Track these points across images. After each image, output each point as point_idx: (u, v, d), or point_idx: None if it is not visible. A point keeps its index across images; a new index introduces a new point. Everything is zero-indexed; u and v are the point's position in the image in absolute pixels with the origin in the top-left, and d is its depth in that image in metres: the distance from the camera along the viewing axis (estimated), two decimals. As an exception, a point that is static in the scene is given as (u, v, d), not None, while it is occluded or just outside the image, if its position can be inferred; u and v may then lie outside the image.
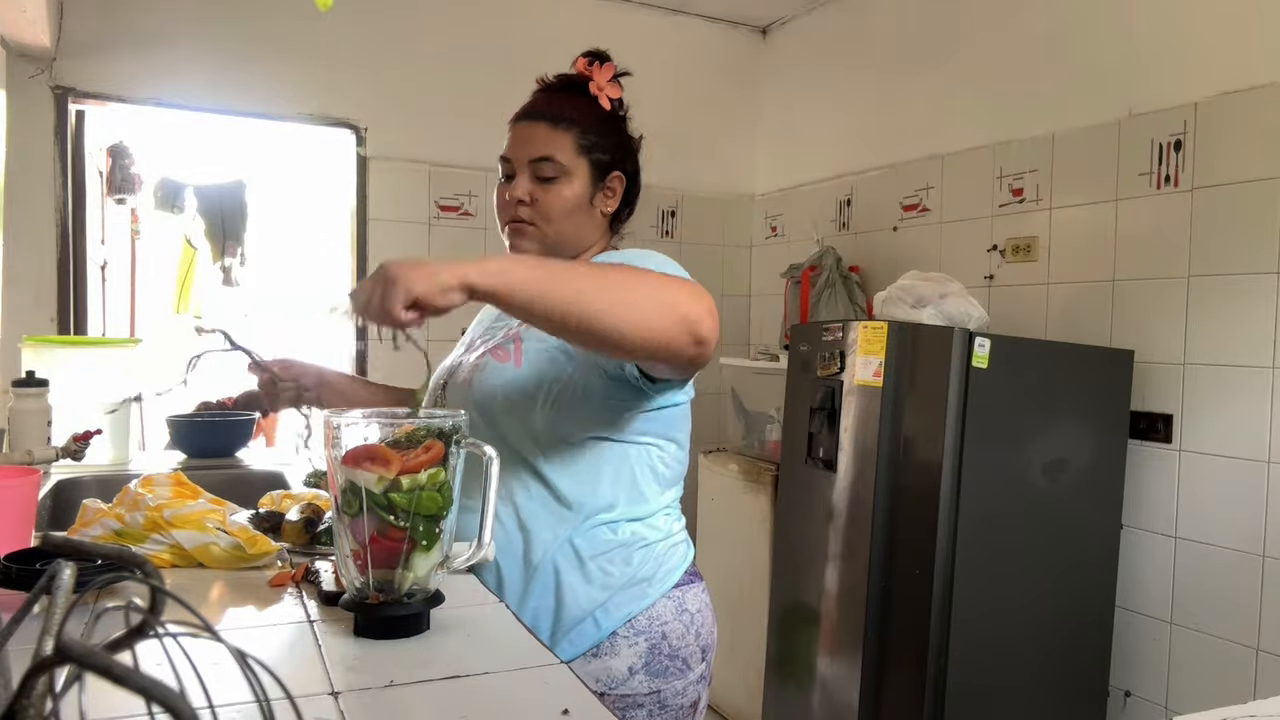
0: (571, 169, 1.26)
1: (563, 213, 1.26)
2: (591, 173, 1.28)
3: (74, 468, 1.83)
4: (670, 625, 1.20)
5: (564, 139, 1.26)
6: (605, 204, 1.31)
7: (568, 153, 1.26)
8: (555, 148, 1.25)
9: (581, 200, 1.27)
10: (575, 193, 1.27)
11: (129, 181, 3.44)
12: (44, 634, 0.38)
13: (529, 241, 1.27)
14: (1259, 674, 2.04)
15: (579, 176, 1.27)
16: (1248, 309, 2.06)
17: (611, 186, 1.31)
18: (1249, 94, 2.07)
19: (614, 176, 1.31)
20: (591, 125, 1.27)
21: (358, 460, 0.90)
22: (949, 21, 2.91)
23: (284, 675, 0.46)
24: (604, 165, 1.29)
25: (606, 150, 1.29)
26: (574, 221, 1.27)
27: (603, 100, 1.30)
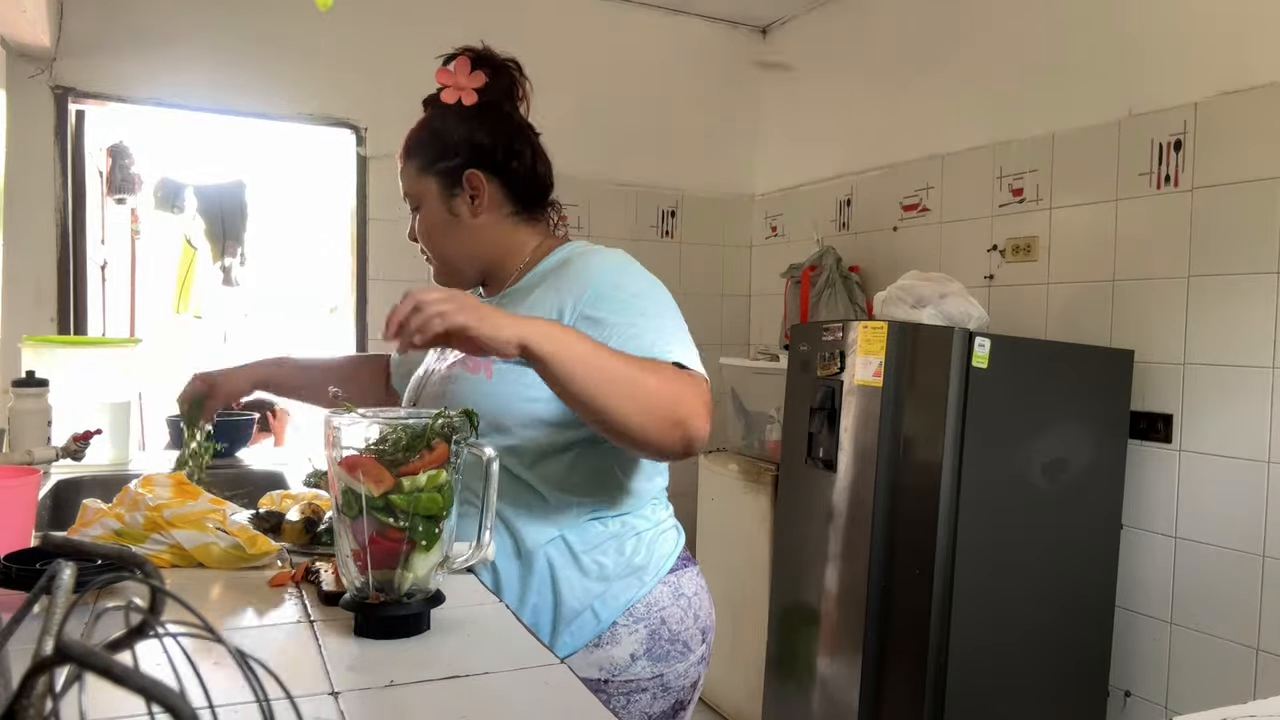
0: (422, 193, 1.28)
1: (431, 235, 1.29)
2: (440, 185, 1.27)
3: (74, 468, 1.83)
4: (668, 610, 1.22)
5: (409, 170, 1.30)
6: (468, 207, 1.27)
7: (414, 181, 1.29)
8: (407, 182, 1.30)
9: (441, 217, 1.28)
10: (432, 213, 1.28)
11: (129, 181, 3.44)
12: (44, 634, 0.38)
13: (436, 272, 1.33)
14: (1259, 674, 2.04)
15: (429, 196, 1.28)
16: (1248, 309, 2.06)
17: (472, 185, 1.27)
18: (1249, 94, 2.07)
19: (469, 175, 1.26)
20: (428, 140, 1.28)
21: (351, 469, 0.90)
22: (949, 21, 2.91)
23: (284, 675, 0.46)
24: (453, 171, 1.26)
25: (452, 153, 1.26)
26: (451, 237, 1.28)
27: (466, 97, 1.27)
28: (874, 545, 2.19)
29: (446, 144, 1.27)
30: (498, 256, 1.30)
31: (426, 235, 1.29)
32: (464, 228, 1.28)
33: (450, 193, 1.27)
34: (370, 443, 0.91)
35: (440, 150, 1.27)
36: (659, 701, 1.20)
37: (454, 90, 1.27)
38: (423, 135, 1.30)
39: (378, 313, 3.15)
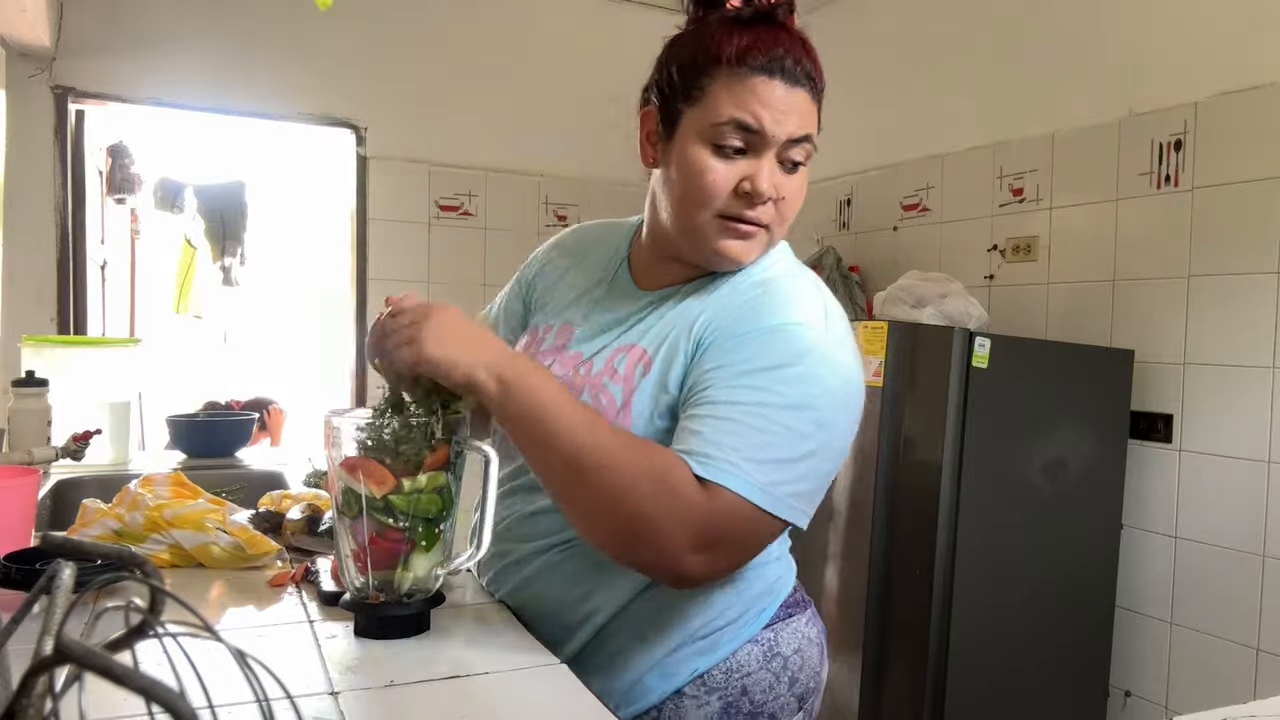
0: (813, 133, 0.96)
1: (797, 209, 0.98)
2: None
3: (74, 468, 1.83)
4: (754, 676, 0.97)
5: (816, 107, 0.95)
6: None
7: (809, 116, 0.95)
8: (815, 123, 0.95)
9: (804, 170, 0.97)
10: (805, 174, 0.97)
11: (129, 181, 3.44)
12: (44, 634, 0.38)
13: (756, 251, 0.96)
14: (1259, 674, 2.04)
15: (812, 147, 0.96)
16: (1248, 309, 2.06)
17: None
18: (1249, 94, 2.07)
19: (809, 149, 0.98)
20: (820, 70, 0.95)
21: (353, 470, 0.90)
22: (949, 21, 2.91)
23: (284, 675, 0.46)
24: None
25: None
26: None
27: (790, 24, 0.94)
28: (874, 545, 2.19)
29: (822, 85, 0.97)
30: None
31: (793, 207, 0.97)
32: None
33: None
34: (368, 441, 0.91)
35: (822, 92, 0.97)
36: None
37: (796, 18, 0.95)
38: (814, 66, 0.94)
39: (378, 312, 3.15)
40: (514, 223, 3.33)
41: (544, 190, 3.38)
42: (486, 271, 3.29)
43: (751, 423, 0.84)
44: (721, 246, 0.94)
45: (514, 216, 3.33)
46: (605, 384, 0.95)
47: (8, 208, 2.64)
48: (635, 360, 0.95)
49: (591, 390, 0.95)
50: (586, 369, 0.98)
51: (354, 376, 3.16)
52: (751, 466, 0.82)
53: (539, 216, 3.38)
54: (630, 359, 0.95)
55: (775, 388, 0.85)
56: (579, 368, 0.99)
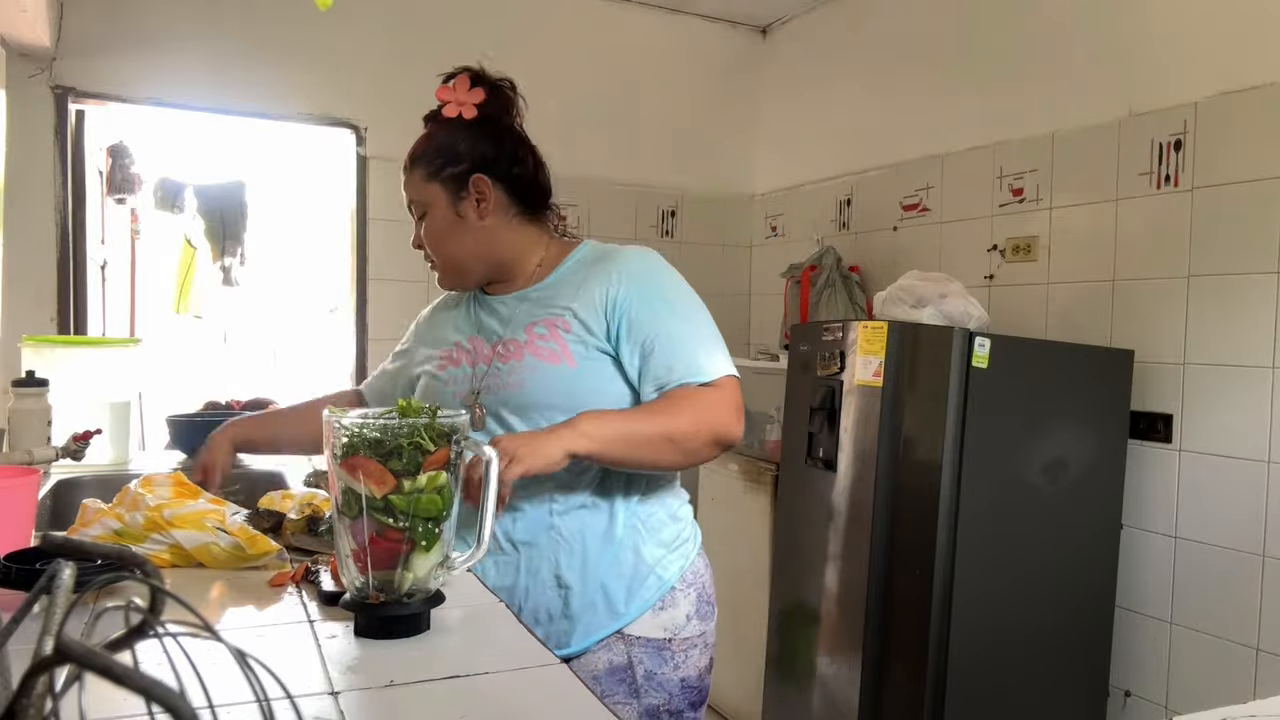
0: (428, 200, 1.33)
1: (440, 240, 1.34)
2: (447, 191, 1.32)
3: (74, 468, 1.83)
4: (704, 575, 1.39)
5: (415, 179, 1.34)
6: (474, 210, 1.33)
7: (420, 189, 1.34)
8: (412, 190, 1.35)
9: (448, 221, 1.33)
10: (439, 218, 1.33)
11: (129, 181, 3.43)
12: (44, 634, 0.38)
13: (441, 274, 1.39)
14: (1259, 674, 2.04)
15: (437, 202, 1.33)
16: (1248, 309, 2.06)
17: (478, 191, 1.33)
18: (1249, 94, 2.07)
19: (475, 180, 1.32)
20: (433, 150, 1.33)
21: (353, 470, 0.90)
22: (949, 21, 2.91)
23: (284, 675, 0.46)
24: (459, 176, 1.32)
25: (458, 160, 1.32)
26: (458, 240, 1.34)
27: (466, 112, 1.33)
28: (874, 545, 2.19)
29: (452, 153, 1.32)
30: (508, 255, 1.37)
31: (434, 240, 1.35)
32: (471, 229, 1.33)
33: (457, 197, 1.32)
34: (366, 439, 0.91)
35: (446, 158, 1.32)
36: (703, 656, 1.35)
37: (455, 105, 1.33)
38: (428, 146, 1.35)
39: (378, 313, 3.15)
40: (514, 223, 3.33)
41: (544, 190, 3.38)
42: (486, 271, 3.29)
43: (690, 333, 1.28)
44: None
45: (514, 216, 3.33)
46: (539, 345, 1.29)
47: (8, 208, 2.64)
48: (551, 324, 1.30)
49: (530, 349, 1.29)
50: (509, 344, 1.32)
51: (354, 376, 3.16)
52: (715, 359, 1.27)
53: (539, 216, 3.38)
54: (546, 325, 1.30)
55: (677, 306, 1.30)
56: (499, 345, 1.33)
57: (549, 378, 1.27)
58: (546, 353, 1.28)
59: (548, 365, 1.27)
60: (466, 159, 1.32)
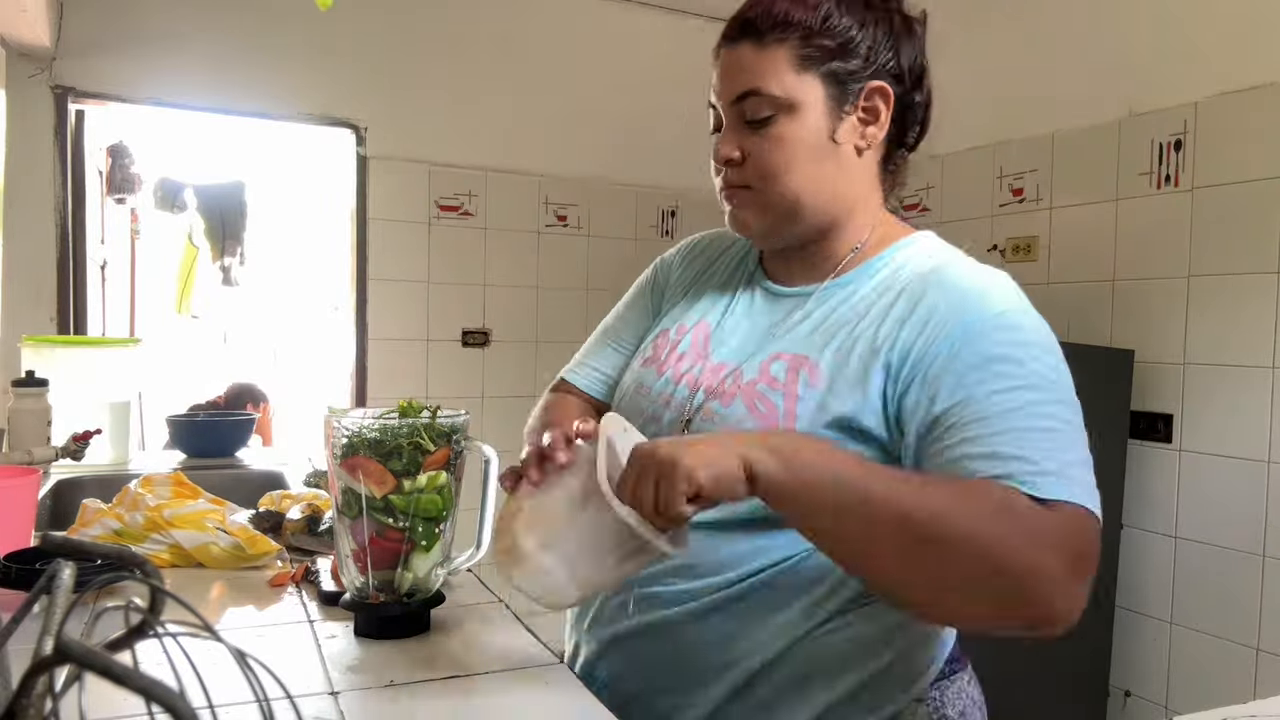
0: (794, 98, 0.87)
1: (789, 161, 0.88)
2: (829, 92, 0.88)
3: (74, 468, 1.83)
4: None
5: (775, 57, 0.87)
6: (860, 135, 0.90)
7: (782, 76, 0.87)
8: (763, 74, 0.87)
9: (813, 134, 0.88)
10: (804, 127, 0.87)
11: (129, 181, 3.44)
12: (44, 634, 0.38)
13: (752, 213, 0.92)
14: (1259, 674, 2.04)
15: (806, 103, 0.87)
16: (1248, 309, 2.06)
17: (869, 105, 0.90)
18: (1249, 94, 2.07)
19: (872, 90, 0.89)
20: (823, 21, 0.87)
21: (353, 470, 0.90)
22: (949, 21, 2.91)
23: (284, 675, 0.46)
24: (850, 75, 0.88)
25: (853, 51, 0.88)
26: (814, 171, 0.89)
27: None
28: (874, 545, 2.19)
29: (846, 37, 0.88)
30: (846, 215, 0.93)
31: (781, 157, 0.88)
32: (838, 162, 0.90)
33: (840, 107, 0.89)
34: (365, 438, 0.91)
35: (838, 44, 0.88)
36: None
37: None
38: (805, 14, 0.87)
39: (378, 313, 3.15)
40: (514, 223, 3.33)
41: (544, 190, 3.38)
42: (486, 271, 3.29)
43: (1040, 425, 0.74)
44: (727, 220, 0.96)
45: (514, 216, 3.33)
46: (763, 392, 0.86)
47: (8, 208, 2.64)
48: (795, 367, 0.87)
49: (745, 398, 0.87)
50: (736, 376, 0.90)
51: (354, 376, 3.16)
52: (1075, 471, 0.73)
53: (539, 216, 3.38)
54: (789, 366, 0.87)
55: (1033, 380, 0.77)
56: (728, 377, 0.90)
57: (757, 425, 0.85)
58: (764, 408, 0.85)
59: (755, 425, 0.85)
60: (860, 53, 0.88)
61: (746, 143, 0.90)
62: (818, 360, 0.86)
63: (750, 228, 0.93)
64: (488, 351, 3.28)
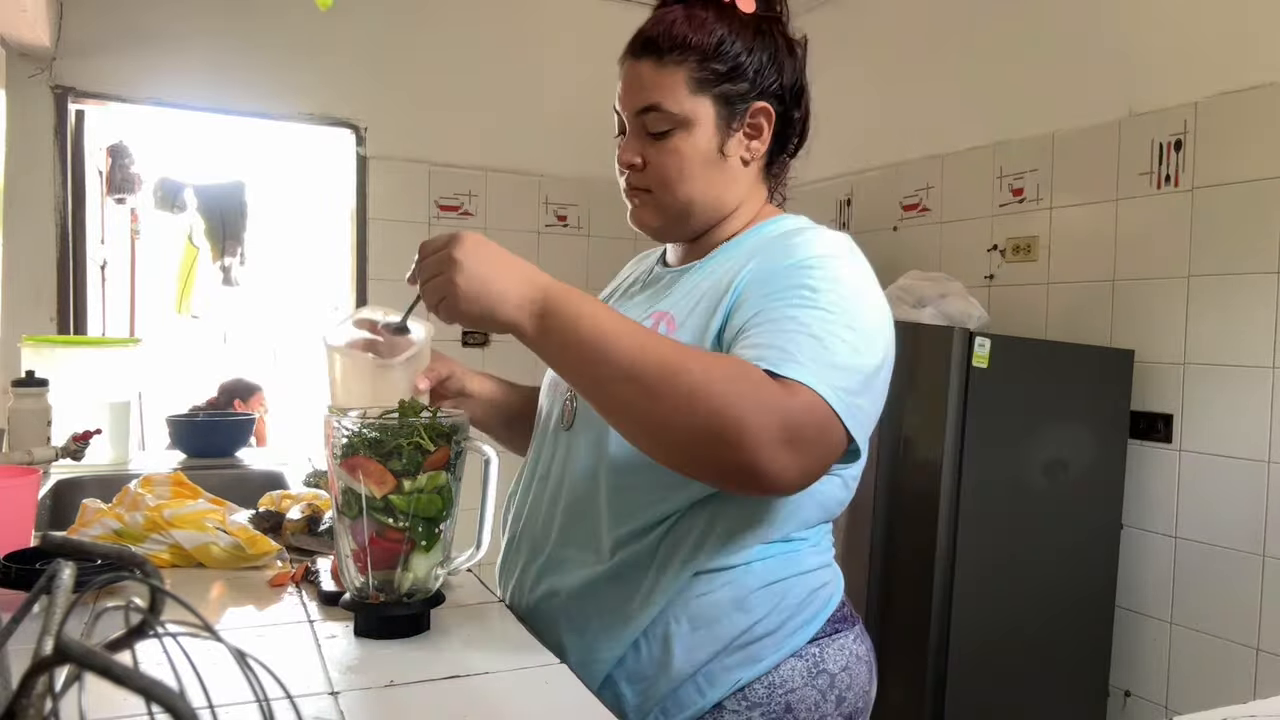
0: (687, 114, 0.97)
1: (681, 173, 0.99)
2: (719, 112, 0.98)
3: (74, 468, 1.83)
4: (799, 693, 0.94)
5: (673, 77, 0.97)
6: (745, 149, 1.02)
7: (680, 95, 0.97)
8: (663, 92, 0.97)
9: (703, 150, 0.99)
10: (695, 144, 0.98)
11: (129, 181, 3.44)
12: (44, 634, 0.38)
13: (649, 213, 1.03)
14: (1259, 674, 2.04)
15: (699, 122, 0.98)
16: (1248, 309, 2.06)
17: (754, 123, 1.01)
18: (1249, 94, 2.07)
19: (756, 109, 1.00)
20: (711, 48, 0.97)
21: (353, 470, 0.90)
22: (949, 21, 2.91)
23: (284, 675, 0.46)
24: (738, 97, 0.99)
25: (741, 75, 0.99)
26: (703, 182, 1.00)
27: (743, 3, 0.99)
28: (874, 545, 2.19)
29: (734, 60, 0.98)
30: (730, 211, 1.05)
31: (674, 170, 0.99)
32: (725, 172, 1.01)
33: (728, 125, 0.99)
34: (363, 438, 0.91)
35: (728, 67, 0.98)
36: None
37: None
38: (702, 37, 0.97)
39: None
40: (514, 223, 3.34)
41: (544, 190, 3.38)
42: (486, 271, 3.29)
43: (811, 330, 0.85)
44: (628, 217, 1.07)
45: (514, 216, 3.34)
46: None
47: (8, 208, 2.64)
48: (657, 321, 0.99)
49: None
50: None
51: (354, 376, 3.16)
52: (821, 368, 0.82)
53: (539, 216, 3.38)
54: (653, 321, 1.00)
55: (821, 302, 0.87)
56: None
57: None
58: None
59: None
60: (748, 76, 0.99)
61: (647, 151, 1.01)
62: (674, 312, 0.99)
63: (648, 225, 1.06)
64: (488, 351, 3.28)
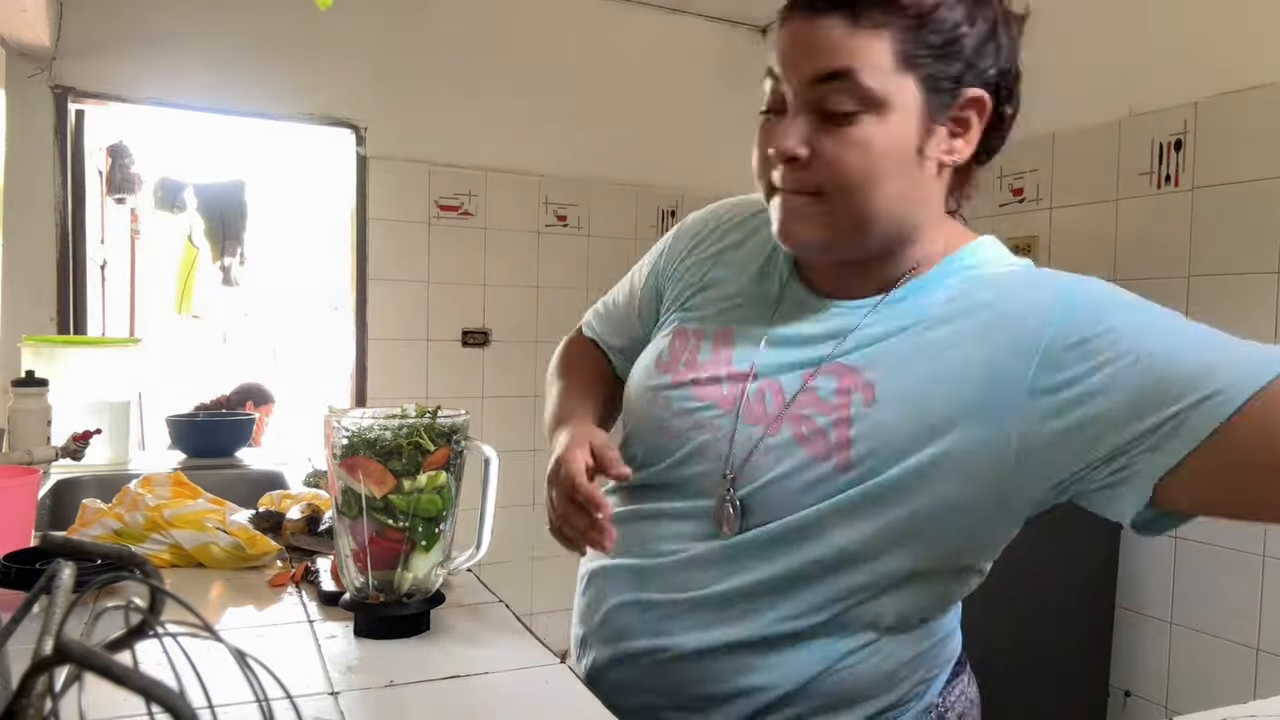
0: (888, 96, 0.73)
1: (871, 175, 0.74)
2: (925, 99, 0.75)
3: (74, 467, 1.83)
4: None
5: (872, 44, 0.72)
6: (946, 150, 0.78)
7: (882, 65, 0.73)
8: (859, 56, 0.72)
9: (904, 152, 0.75)
10: (894, 139, 0.74)
11: (129, 181, 3.44)
12: (44, 634, 0.38)
13: (816, 226, 0.77)
14: (1259, 674, 2.04)
15: (900, 109, 0.74)
16: (1248, 309, 2.06)
17: (962, 117, 0.77)
18: (1249, 94, 2.07)
19: (968, 100, 0.76)
20: (932, 10, 0.73)
21: (353, 470, 0.90)
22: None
23: (284, 675, 0.46)
24: (950, 81, 0.75)
25: (957, 53, 0.74)
26: (895, 181, 0.76)
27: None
28: (874, 545, 2.19)
29: (955, 35, 0.74)
30: (915, 229, 0.80)
31: (858, 165, 0.74)
32: (920, 179, 0.77)
33: (933, 117, 0.76)
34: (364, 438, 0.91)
35: (944, 40, 0.74)
36: None
37: None
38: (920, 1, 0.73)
39: (378, 313, 3.15)
40: (514, 223, 3.34)
41: (544, 190, 3.38)
42: (486, 272, 3.29)
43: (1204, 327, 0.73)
44: (774, 227, 0.80)
45: (514, 216, 3.33)
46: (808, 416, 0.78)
47: (8, 208, 2.64)
48: (849, 389, 0.77)
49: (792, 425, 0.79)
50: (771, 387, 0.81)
51: (354, 376, 3.16)
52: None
53: (539, 216, 3.38)
54: (839, 383, 0.78)
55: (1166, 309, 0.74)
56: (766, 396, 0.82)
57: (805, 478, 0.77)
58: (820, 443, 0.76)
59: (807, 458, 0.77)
60: (964, 55, 0.75)
61: (820, 139, 0.75)
62: (877, 384, 0.76)
63: (810, 241, 0.79)
64: (488, 351, 3.28)
